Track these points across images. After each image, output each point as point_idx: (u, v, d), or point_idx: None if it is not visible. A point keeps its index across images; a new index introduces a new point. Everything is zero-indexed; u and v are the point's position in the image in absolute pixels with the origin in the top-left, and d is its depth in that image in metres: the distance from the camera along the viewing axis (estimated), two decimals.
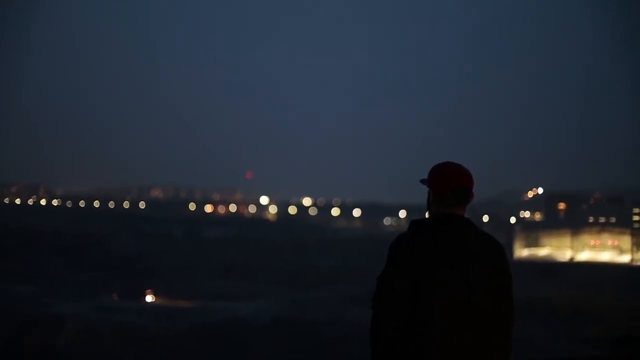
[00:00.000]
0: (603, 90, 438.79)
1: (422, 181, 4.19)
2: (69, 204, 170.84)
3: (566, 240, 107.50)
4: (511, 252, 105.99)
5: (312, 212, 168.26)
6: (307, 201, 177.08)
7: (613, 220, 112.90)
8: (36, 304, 60.09)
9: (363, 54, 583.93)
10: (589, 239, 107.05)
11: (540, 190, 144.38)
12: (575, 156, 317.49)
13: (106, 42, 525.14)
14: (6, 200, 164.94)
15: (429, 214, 4.16)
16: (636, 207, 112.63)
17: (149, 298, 71.26)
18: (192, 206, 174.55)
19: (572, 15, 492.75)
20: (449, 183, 4.07)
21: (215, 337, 52.85)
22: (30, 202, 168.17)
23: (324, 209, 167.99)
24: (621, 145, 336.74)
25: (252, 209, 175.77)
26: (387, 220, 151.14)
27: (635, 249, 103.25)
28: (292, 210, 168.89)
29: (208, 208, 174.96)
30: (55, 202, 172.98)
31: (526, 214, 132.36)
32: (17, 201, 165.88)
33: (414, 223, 4.06)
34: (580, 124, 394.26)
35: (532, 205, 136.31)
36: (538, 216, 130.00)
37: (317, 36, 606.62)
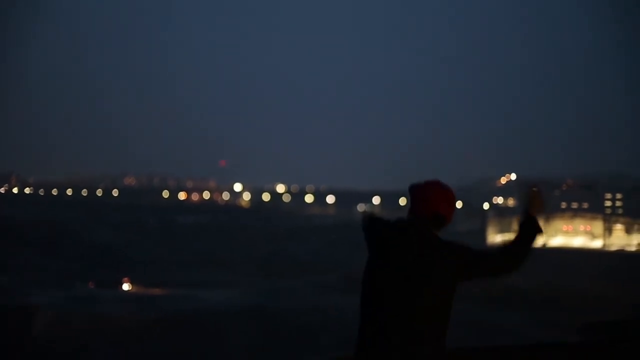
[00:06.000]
0: (576, 79, 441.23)
1: (410, 189, 4.33)
2: (41, 192, 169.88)
3: None
4: (484, 238, 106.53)
5: (286, 198, 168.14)
6: (280, 188, 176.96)
7: (585, 206, 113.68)
8: (10, 293, 59.76)
9: (345, 42, 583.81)
10: (561, 224, 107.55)
11: (513, 177, 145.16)
12: (548, 143, 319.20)
13: (83, 32, 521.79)
14: None
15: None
16: (608, 192, 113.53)
17: (126, 286, 71.02)
18: (165, 194, 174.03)
19: (562, 10, 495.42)
20: (422, 209, 4.19)
21: (190, 325, 52.82)
22: (2, 190, 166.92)
23: (298, 196, 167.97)
24: (593, 132, 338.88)
25: (225, 196, 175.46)
26: (360, 207, 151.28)
27: (607, 234, 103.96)
28: (266, 197, 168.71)
29: (182, 195, 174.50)
30: (27, 191, 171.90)
31: (499, 200, 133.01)
32: None
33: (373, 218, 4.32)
34: (552, 111, 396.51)
35: (505, 191, 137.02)
36: (511, 202, 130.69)
37: (292, 25, 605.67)
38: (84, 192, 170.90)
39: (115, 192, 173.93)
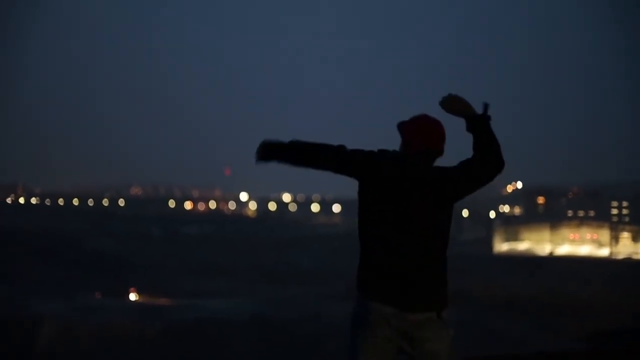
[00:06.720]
0: (581, 87, 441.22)
1: (398, 127, 4.29)
2: (47, 202, 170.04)
3: (545, 234, 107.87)
4: (490, 246, 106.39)
5: (292, 208, 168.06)
6: (286, 197, 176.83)
7: (592, 214, 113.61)
8: (14, 304, 59.71)
9: (348, 45, 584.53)
10: (568, 232, 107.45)
11: (519, 185, 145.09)
12: (553, 150, 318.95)
13: (87, 42, 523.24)
14: None
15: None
16: (614, 201, 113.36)
17: (133, 296, 70.90)
18: (171, 203, 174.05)
19: (565, 14, 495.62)
20: (414, 144, 4.19)
21: (193, 334, 52.80)
22: (8, 200, 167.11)
23: (304, 205, 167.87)
24: (598, 140, 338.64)
25: (231, 205, 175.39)
26: None
27: (613, 242, 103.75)
28: (272, 206, 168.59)
29: (188, 205, 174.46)
30: (33, 201, 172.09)
31: (505, 209, 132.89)
32: None
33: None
34: (559, 119, 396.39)
35: (511, 199, 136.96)
36: (517, 210, 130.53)
37: (296, 29, 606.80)
38: (90, 202, 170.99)
39: (121, 202, 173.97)
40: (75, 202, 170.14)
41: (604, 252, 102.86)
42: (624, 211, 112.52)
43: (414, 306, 4.00)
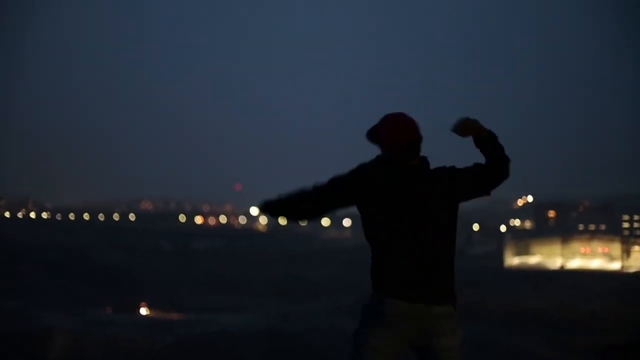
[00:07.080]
0: (591, 100, 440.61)
1: (370, 136, 4.32)
2: (58, 217, 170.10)
3: (556, 248, 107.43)
4: (501, 260, 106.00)
5: (303, 222, 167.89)
6: None
7: (603, 227, 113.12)
8: (25, 318, 59.76)
9: (356, 54, 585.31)
10: (579, 246, 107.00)
11: (530, 199, 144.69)
12: (565, 164, 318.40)
13: (94, 53, 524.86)
14: None
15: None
16: (625, 214, 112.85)
17: (143, 311, 70.89)
18: (182, 218, 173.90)
19: (571, 24, 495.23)
20: (398, 141, 4.19)
21: (204, 348, 52.76)
22: (19, 215, 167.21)
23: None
24: (609, 153, 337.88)
25: (242, 220, 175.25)
26: None
27: (625, 256, 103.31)
28: (282, 220, 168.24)
29: (198, 219, 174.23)
30: (44, 215, 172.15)
31: (516, 222, 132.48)
32: (7, 214, 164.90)
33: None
34: (569, 132, 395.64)
35: (522, 213, 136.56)
36: (528, 224, 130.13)
37: (310, 50, 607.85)
38: (101, 217, 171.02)
39: (132, 217, 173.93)
40: (86, 216, 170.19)
41: (615, 265, 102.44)
42: (635, 225, 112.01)
43: (434, 299, 4.05)
